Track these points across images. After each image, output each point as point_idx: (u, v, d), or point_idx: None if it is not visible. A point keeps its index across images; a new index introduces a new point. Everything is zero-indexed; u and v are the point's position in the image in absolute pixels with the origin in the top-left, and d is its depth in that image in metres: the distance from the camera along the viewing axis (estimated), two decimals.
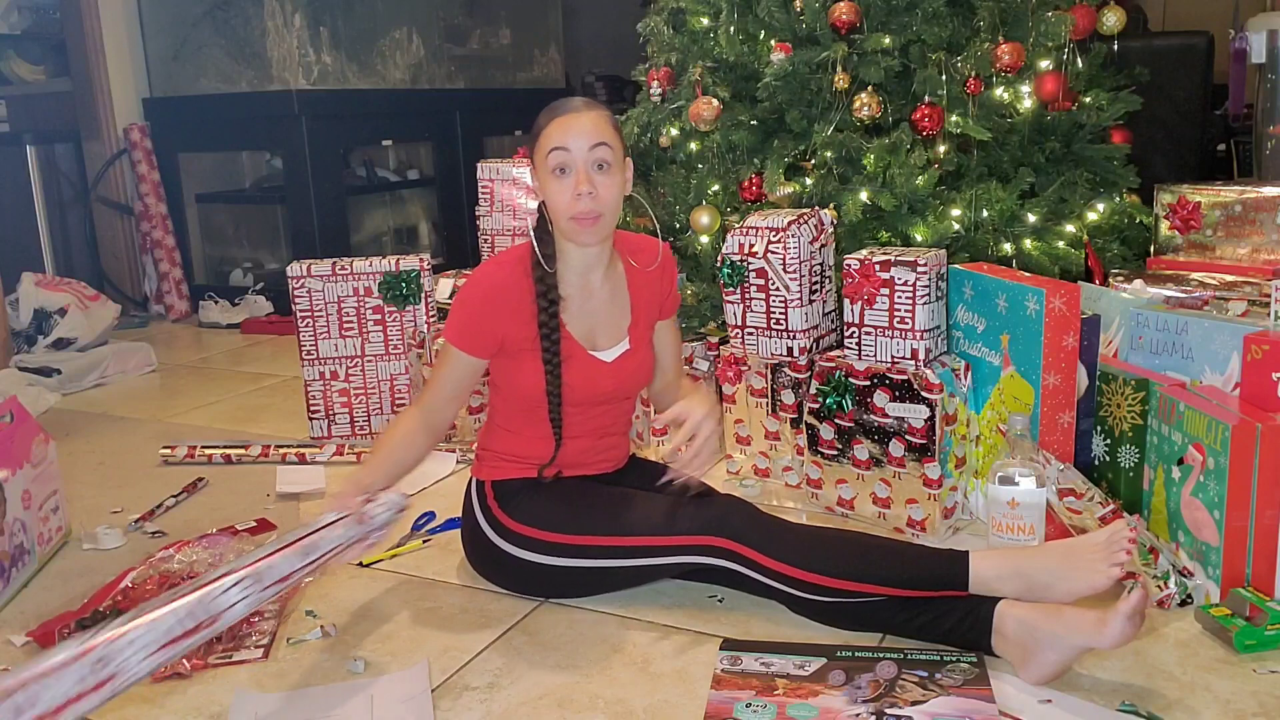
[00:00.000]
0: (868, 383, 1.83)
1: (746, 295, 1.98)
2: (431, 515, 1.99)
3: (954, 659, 1.36)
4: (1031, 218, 2.31)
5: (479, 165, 2.81)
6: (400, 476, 1.60)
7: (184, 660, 1.46)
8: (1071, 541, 1.45)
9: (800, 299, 1.93)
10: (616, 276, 1.66)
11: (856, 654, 1.39)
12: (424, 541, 1.89)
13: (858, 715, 1.25)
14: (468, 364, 1.60)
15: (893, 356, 1.82)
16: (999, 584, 1.41)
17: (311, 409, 2.52)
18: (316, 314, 2.47)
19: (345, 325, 2.48)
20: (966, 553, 1.44)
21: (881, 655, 1.38)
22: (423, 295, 2.47)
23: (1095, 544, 1.41)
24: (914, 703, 1.27)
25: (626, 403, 1.71)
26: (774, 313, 1.96)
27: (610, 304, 1.65)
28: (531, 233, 1.60)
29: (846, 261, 1.86)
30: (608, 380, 1.63)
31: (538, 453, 1.65)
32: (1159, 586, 1.53)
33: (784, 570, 1.47)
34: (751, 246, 1.95)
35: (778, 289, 1.94)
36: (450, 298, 2.73)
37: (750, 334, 2.00)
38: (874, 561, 1.45)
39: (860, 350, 1.86)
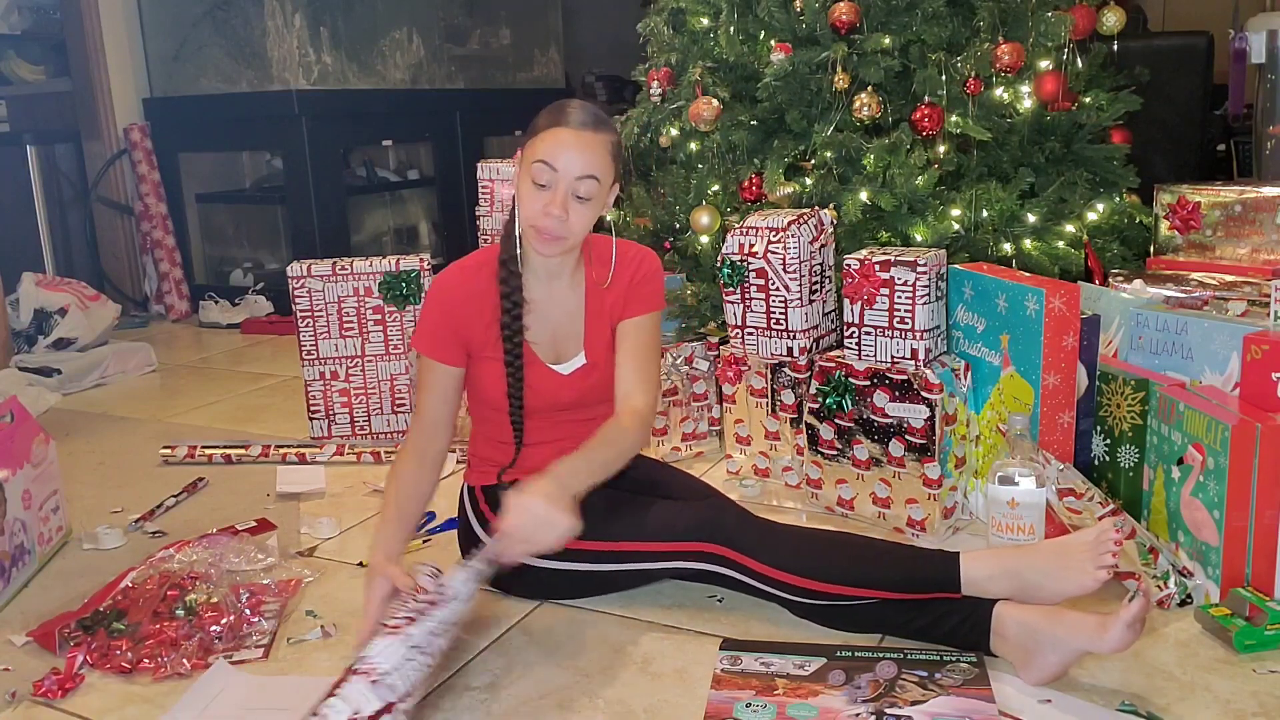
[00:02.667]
0: (868, 382, 1.83)
1: (746, 295, 1.98)
2: (431, 515, 1.99)
3: (954, 659, 1.36)
4: (1031, 218, 2.31)
5: (479, 165, 2.81)
6: (415, 526, 1.55)
7: (184, 660, 1.46)
8: (1061, 541, 1.45)
9: (800, 299, 1.93)
10: (579, 285, 1.63)
11: (856, 654, 1.39)
12: (424, 541, 1.89)
13: (857, 715, 1.25)
14: (444, 374, 1.55)
15: (893, 356, 1.82)
16: (990, 584, 1.41)
17: (311, 409, 2.52)
18: (316, 314, 2.47)
19: (345, 325, 2.48)
20: (957, 554, 1.44)
21: (881, 655, 1.38)
22: (423, 295, 2.47)
23: (1084, 544, 1.41)
24: (914, 703, 1.27)
25: (596, 409, 1.63)
26: (774, 313, 1.96)
27: (572, 314, 1.62)
28: (503, 229, 1.57)
29: (846, 261, 1.86)
30: (567, 392, 1.61)
31: (499, 456, 1.64)
32: (1159, 586, 1.53)
33: (776, 575, 1.46)
34: (751, 246, 1.95)
35: (778, 289, 1.94)
36: None
37: (750, 334, 2.00)
38: (866, 565, 1.45)
39: (860, 350, 1.86)
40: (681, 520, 1.54)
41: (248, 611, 1.57)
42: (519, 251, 1.55)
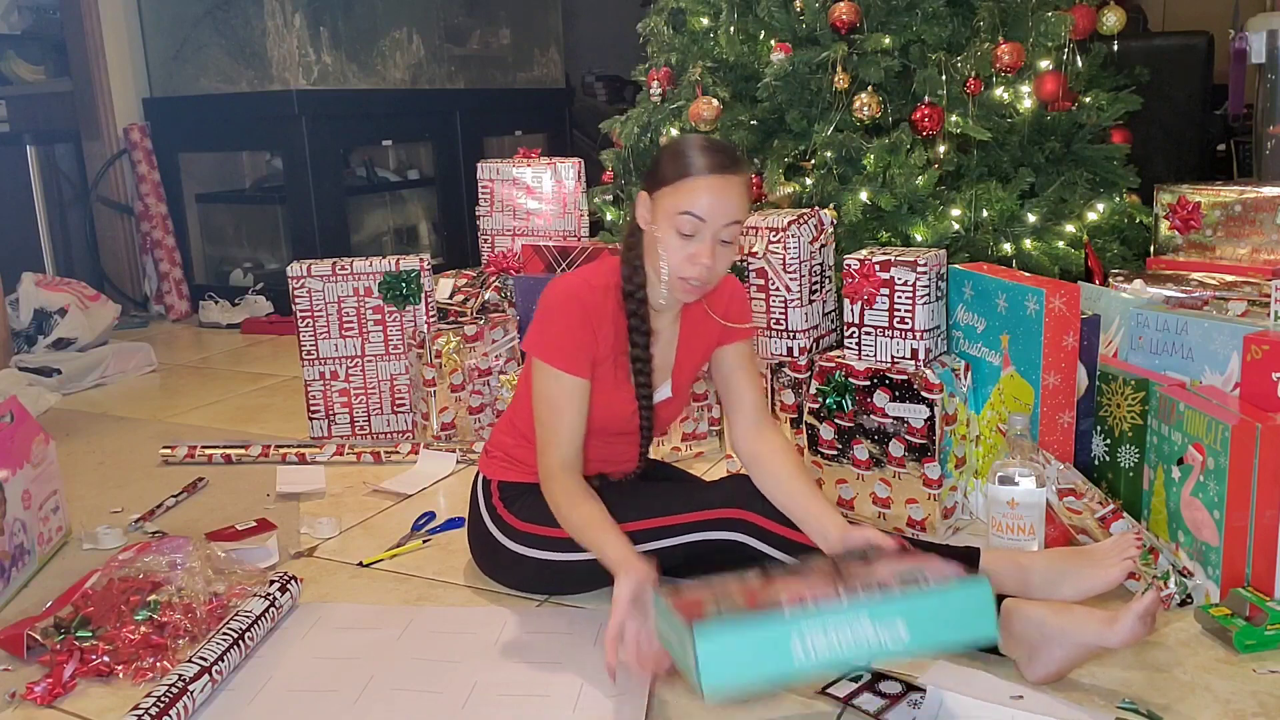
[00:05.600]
0: (868, 383, 1.83)
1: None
2: (431, 515, 1.99)
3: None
4: (1031, 218, 2.32)
5: (479, 165, 2.81)
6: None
7: (164, 663, 1.45)
8: (1077, 548, 1.48)
9: (800, 299, 1.93)
10: (676, 318, 1.61)
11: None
12: (424, 541, 1.89)
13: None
14: (582, 389, 1.50)
15: (893, 356, 1.82)
16: (1006, 576, 1.43)
17: (311, 409, 2.52)
18: (316, 314, 2.47)
19: (345, 325, 2.48)
20: (978, 548, 1.47)
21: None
22: (423, 295, 2.47)
23: (1103, 549, 1.45)
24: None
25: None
26: (774, 313, 1.96)
27: (665, 347, 1.60)
28: (623, 258, 1.52)
29: (846, 261, 1.86)
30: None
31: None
32: (1159, 587, 1.53)
33: (799, 539, 1.47)
34: (751, 246, 1.95)
35: (778, 289, 1.94)
36: (450, 297, 2.73)
37: None
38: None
39: (860, 350, 1.86)
40: (709, 491, 1.56)
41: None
42: (645, 280, 1.52)
